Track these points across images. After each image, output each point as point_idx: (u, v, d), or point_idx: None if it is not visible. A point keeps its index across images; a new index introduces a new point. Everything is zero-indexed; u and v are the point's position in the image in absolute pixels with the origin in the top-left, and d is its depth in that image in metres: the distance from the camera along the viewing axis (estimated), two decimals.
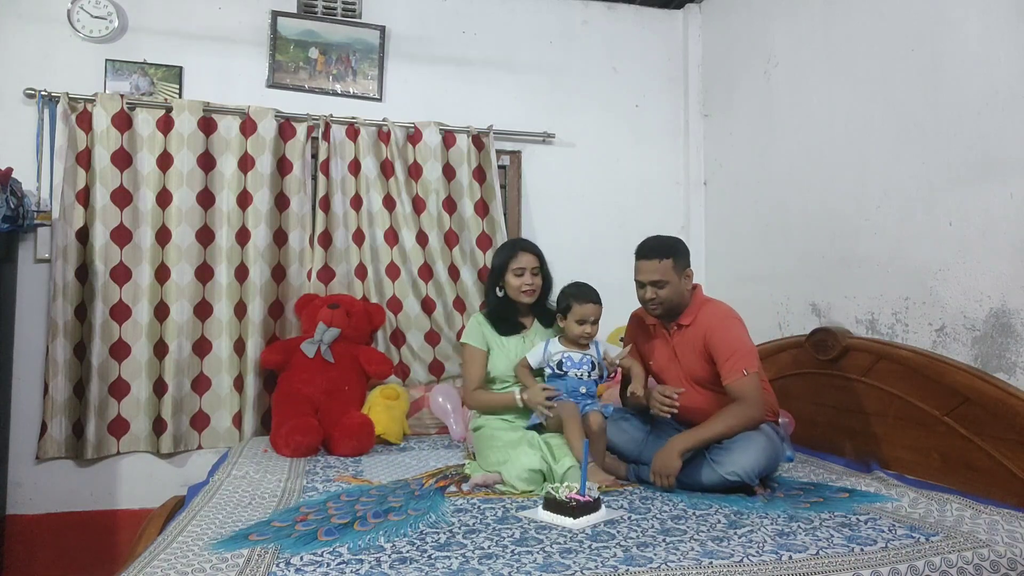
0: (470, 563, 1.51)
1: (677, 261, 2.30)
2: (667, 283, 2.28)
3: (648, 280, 2.30)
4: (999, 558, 1.62)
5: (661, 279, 2.27)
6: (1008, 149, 2.12)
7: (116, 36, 3.03)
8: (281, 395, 2.82)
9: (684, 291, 2.33)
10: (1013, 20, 2.11)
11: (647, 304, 2.35)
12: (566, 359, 2.39)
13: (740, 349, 2.22)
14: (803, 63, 2.99)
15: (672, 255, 2.29)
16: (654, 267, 2.29)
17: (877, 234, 2.59)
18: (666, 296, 2.29)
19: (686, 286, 2.33)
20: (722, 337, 2.24)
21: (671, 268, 2.28)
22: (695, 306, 2.35)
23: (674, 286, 2.29)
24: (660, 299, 2.29)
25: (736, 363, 2.19)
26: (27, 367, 2.85)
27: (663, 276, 2.27)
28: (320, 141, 3.18)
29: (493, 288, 2.61)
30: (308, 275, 3.15)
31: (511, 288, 2.55)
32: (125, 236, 2.94)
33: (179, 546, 1.60)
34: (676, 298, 2.31)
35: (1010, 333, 2.11)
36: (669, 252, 2.29)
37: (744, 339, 2.26)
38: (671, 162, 3.74)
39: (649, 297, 2.31)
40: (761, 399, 2.20)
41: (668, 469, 2.09)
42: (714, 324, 2.28)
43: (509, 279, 2.54)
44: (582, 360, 2.39)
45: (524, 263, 2.53)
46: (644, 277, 2.31)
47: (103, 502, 2.92)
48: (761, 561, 1.53)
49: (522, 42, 3.56)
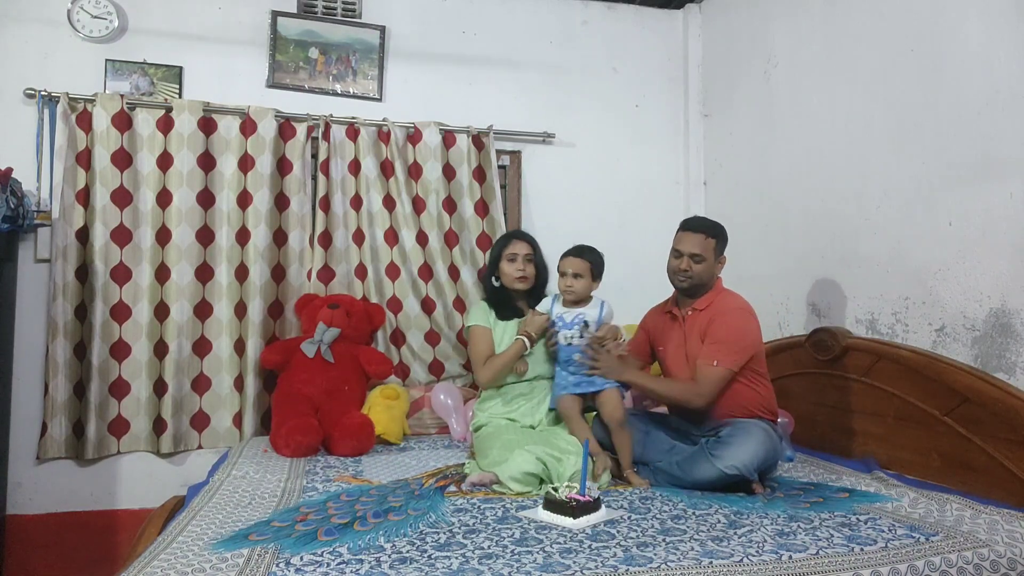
0: (470, 563, 1.51)
1: (719, 244, 2.39)
2: (704, 260, 2.35)
3: (689, 251, 2.36)
4: (999, 558, 1.63)
5: (701, 254, 2.34)
6: (1008, 149, 2.12)
7: (116, 36, 3.03)
8: (281, 395, 2.82)
9: (714, 275, 2.40)
10: (1013, 20, 2.11)
11: (678, 275, 2.39)
12: (559, 319, 2.40)
13: (729, 341, 2.25)
14: (803, 63, 2.99)
15: (717, 236, 2.38)
16: (700, 241, 2.35)
17: (877, 234, 2.59)
18: (699, 272, 2.35)
19: (717, 271, 2.41)
20: (722, 324, 2.29)
21: (713, 248, 2.36)
22: (713, 293, 2.40)
23: (709, 266, 2.36)
24: (693, 272, 2.35)
25: (716, 351, 2.24)
26: (27, 367, 2.85)
27: (704, 252, 2.34)
28: (320, 141, 3.18)
29: (490, 276, 2.67)
30: (308, 275, 3.15)
31: (505, 276, 2.60)
32: (125, 236, 2.94)
33: (179, 546, 1.60)
34: (707, 277, 2.38)
35: (1010, 333, 2.11)
36: (716, 233, 2.38)
37: (741, 335, 2.29)
38: (671, 162, 3.74)
39: (684, 268, 2.36)
40: (712, 395, 2.25)
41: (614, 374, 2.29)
42: (723, 311, 2.33)
43: (503, 266, 2.60)
44: (573, 320, 2.37)
45: (517, 249, 2.60)
46: (686, 248, 2.37)
47: (103, 502, 2.92)
48: (761, 561, 1.53)
49: (522, 42, 3.55)
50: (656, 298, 2.66)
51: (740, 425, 2.18)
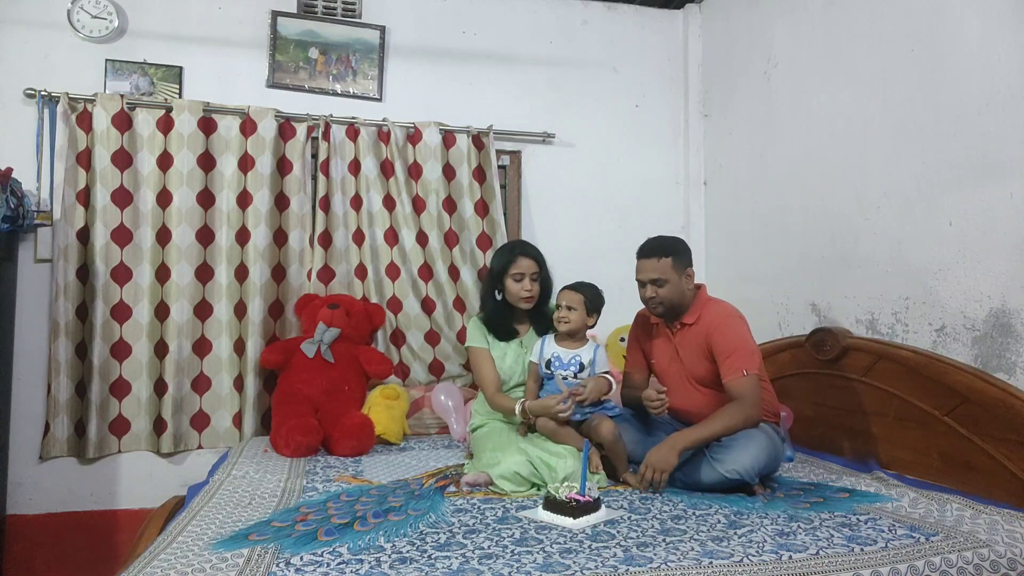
0: (470, 563, 1.51)
1: (677, 260, 2.32)
2: (667, 281, 2.30)
3: (648, 279, 2.32)
4: (999, 558, 1.63)
5: (660, 277, 2.29)
6: (1008, 149, 2.12)
7: (116, 36, 3.03)
8: (281, 395, 2.82)
9: (685, 290, 2.34)
10: (1013, 20, 2.11)
11: (648, 303, 2.37)
12: (555, 359, 2.35)
13: (741, 348, 2.23)
14: (803, 63, 2.99)
15: (671, 254, 2.32)
16: (653, 266, 2.31)
17: (877, 234, 2.59)
18: (666, 295, 2.31)
19: (687, 285, 2.34)
20: (724, 335, 2.25)
21: (670, 267, 2.30)
22: (699, 305, 2.37)
23: (674, 285, 2.31)
24: (660, 298, 2.31)
25: (736, 362, 2.20)
26: (28, 367, 2.85)
27: (662, 275, 2.29)
28: (320, 141, 3.18)
29: (491, 291, 2.56)
30: (308, 275, 3.15)
31: (510, 294, 2.51)
32: (125, 236, 2.94)
33: (179, 546, 1.60)
34: (677, 297, 2.32)
35: (1010, 333, 2.11)
36: (668, 251, 2.32)
37: (746, 339, 2.27)
38: (671, 162, 3.74)
39: (650, 296, 2.33)
40: (759, 399, 2.21)
41: (664, 464, 2.08)
42: (716, 323, 2.29)
43: (508, 284, 2.50)
44: (570, 361, 2.34)
45: (524, 268, 2.48)
46: (644, 276, 2.34)
47: (103, 502, 2.92)
48: (761, 561, 1.53)
49: (522, 42, 3.55)
50: None
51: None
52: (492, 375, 2.48)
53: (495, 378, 2.48)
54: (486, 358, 2.51)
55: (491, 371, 2.49)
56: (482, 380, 2.51)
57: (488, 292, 2.58)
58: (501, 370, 2.49)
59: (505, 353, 2.51)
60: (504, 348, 2.52)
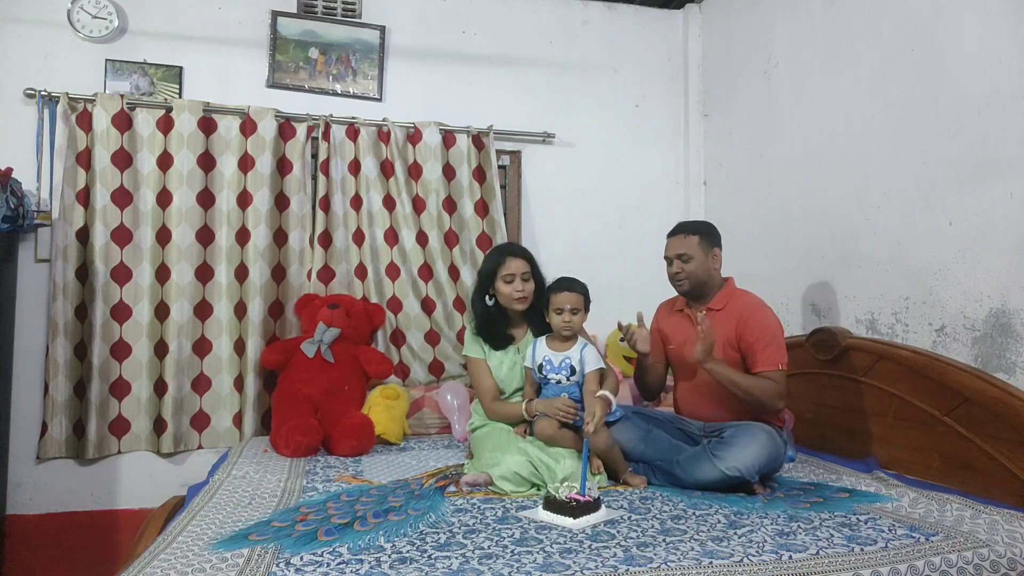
0: (470, 563, 1.51)
1: (704, 239, 2.39)
2: (692, 257, 2.36)
3: (674, 254, 2.39)
4: (999, 558, 1.63)
5: (686, 253, 2.36)
6: (1008, 149, 2.12)
7: (116, 36, 3.03)
8: (281, 395, 2.82)
9: (711, 270, 2.40)
10: (1013, 20, 2.11)
11: (674, 279, 2.42)
12: (547, 363, 2.33)
13: (777, 341, 2.28)
14: (803, 63, 2.99)
15: (698, 232, 2.40)
16: (680, 242, 2.39)
17: (877, 234, 2.59)
18: (692, 270, 2.36)
19: (713, 265, 2.40)
20: (762, 324, 2.29)
21: (697, 244, 2.37)
22: (726, 293, 2.40)
23: (700, 262, 2.37)
24: (686, 273, 2.37)
25: (773, 354, 2.25)
26: (27, 367, 2.85)
27: (688, 250, 2.36)
28: (320, 141, 3.18)
29: (481, 297, 2.50)
30: (308, 275, 3.15)
31: (502, 296, 2.45)
32: (125, 236, 2.94)
33: (179, 546, 1.60)
34: (703, 275, 2.38)
35: (1010, 333, 2.11)
36: (696, 230, 2.41)
37: (780, 333, 2.32)
38: (671, 162, 3.74)
39: (675, 271, 2.39)
40: (786, 395, 2.26)
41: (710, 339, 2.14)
42: (751, 310, 2.32)
43: (499, 287, 2.44)
44: (561, 364, 2.31)
45: (513, 269, 2.42)
46: (670, 252, 2.41)
47: (103, 502, 2.92)
48: (761, 561, 1.53)
49: (522, 42, 3.55)
50: (656, 298, 2.66)
51: (743, 426, 2.18)
52: (489, 385, 2.47)
53: (492, 388, 2.47)
54: (483, 368, 2.50)
55: (488, 381, 2.48)
56: (479, 390, 2.51)
57: (478, 298, 2.52)
58: (499, 379, 2.48)
59: (502, 362, 2.49)
60: (500, 357, 2.50)
